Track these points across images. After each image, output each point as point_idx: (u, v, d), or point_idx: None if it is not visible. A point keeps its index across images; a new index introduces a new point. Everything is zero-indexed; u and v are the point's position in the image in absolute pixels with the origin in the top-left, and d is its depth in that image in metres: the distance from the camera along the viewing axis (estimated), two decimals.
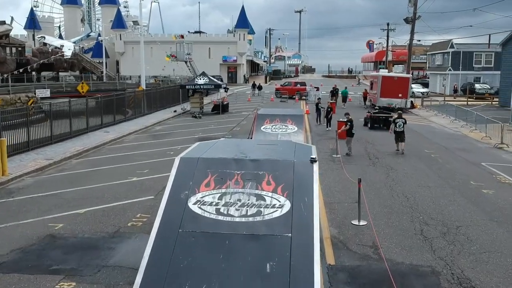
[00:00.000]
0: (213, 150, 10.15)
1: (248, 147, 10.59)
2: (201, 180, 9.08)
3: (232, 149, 10.51)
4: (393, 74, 42.70)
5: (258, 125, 23.19)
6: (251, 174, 9.09)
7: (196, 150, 10.26)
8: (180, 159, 9.39)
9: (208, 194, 8.86)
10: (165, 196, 8.79)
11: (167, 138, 24.66)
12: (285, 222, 8.34)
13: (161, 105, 38.62)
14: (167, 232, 8.20)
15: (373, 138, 24.24)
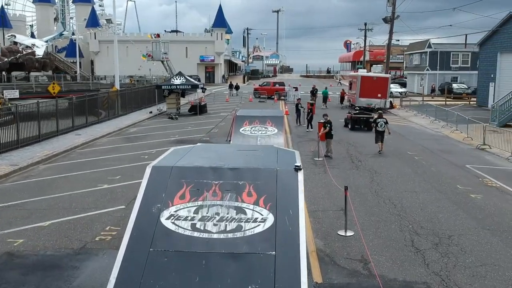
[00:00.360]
0: (188, 157, 9.34)
1: (227, 154, 9.81)
2: (175, 192, 8.29)
3: (209, 155, 9.72)
4: (372, 74, 42.44)
5: (236, 127, 22.38)
6: (230, 184, 8.32)
7: (170, 158, 9.43)
8: (151, 168, 8.55)
9: (183, 207, 8.07)
10: (135, 210, 7.95)
11: (141, 141, 23.65)
12: (268, 238, 7.59)
13: (136, 106, 37.46)
14: (137, 252, 7.38)
15: (354, 140, 23.67)
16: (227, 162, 8.89)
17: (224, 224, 7.57)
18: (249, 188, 8.16)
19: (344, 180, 15.18)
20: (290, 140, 23.47)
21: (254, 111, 27.00)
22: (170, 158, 9.30)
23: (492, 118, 29.77)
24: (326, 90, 43.77)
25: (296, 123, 29.57)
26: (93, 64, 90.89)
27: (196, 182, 8.26)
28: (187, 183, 8.22)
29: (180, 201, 7.96)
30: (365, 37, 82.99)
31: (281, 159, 9.25)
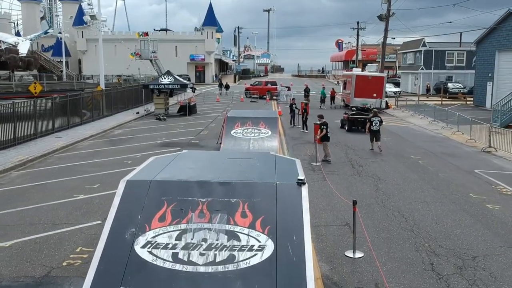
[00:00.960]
0: (171, 168, 7.91)
1: (217, 164, 8.40)
2: (153, 213, 6.90)
3: (196, 166, 8.30)
4: (367, 73, 41.15)
5: (228, 129, 20.95)
6: (220, 202, 6.93)
7: (149, 169, 8.00)
8: (126, 183, 7.15)
9: (162, 232, 6.71)
10: (103, 236, 6.53)
11: (126, 143, 22.13)
12: (267, 271, 6.27)
13: (123, 106, 35.87)
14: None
15: (352, 142, 22.34)
16: (216, 174, 7.53)
17: (212, 254, 6.23)
18: (243, 207, 6.81)
19: (346, 188, 13.83)
20: (284, 142, 22.09)
21: (246, 111, 25.58)
22: (149, 169, 7.90)
23: (494, 119, 28.61)
24: (323, 90, 42.41)
25: (290, 124, 28.20)
26: (81, 63, 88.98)
27: (179, 200, 6.90)
28: (168, 201, 6.85)
29: (160, 224, 6.60)
30: (357, 36, 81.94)
31: (281, 169, 7.87)
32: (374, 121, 20.24)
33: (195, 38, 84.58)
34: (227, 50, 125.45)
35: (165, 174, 7.34)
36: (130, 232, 6.43)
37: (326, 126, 18.20)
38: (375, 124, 20.13)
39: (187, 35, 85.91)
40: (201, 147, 20.97)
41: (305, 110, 26.49)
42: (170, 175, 7.29)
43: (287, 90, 46.47)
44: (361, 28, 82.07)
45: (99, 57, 35.29)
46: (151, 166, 8.07)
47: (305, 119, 26.07)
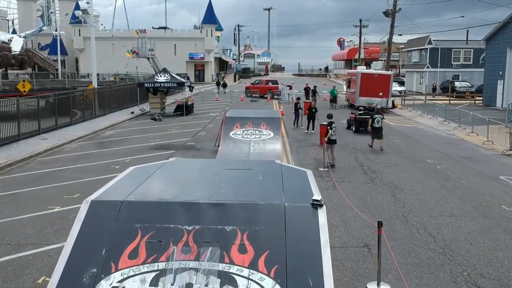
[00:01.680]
0: (151, 184, 6.22)
1: (209, 177, 6.71)
2: (123, 246, 5.28)
3: (183, 180, 6.63)
4: (373, 71, 39.45)
5: (226, 131, 19.23)
6: (212, 231, 5.30)
7: (122, 185, 6.30)
8: (89, 204, 5.48)
9: (133, 273, 5.13)
10: (54, 280, 4.93)
11: (117, 146, 20.45)
12: None
13: (117, 106, 34.20)
14: None
15: (361, 145, 20.65)
16: (208, 192, 5.89)
17: None
18: (241, 238, 5.25)
19: (359, 199, 12.16)
20: (288, 145, 20.42)
21: (246, 111, 23.88)
22: (122, 185, 6.21)
23: (509, 119, 26.90)
24: (334, 89, 40.30)
25: (293, 124, 26.50)
26: (78, 62, 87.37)
27: (158, 228, 5.32)
28: (143, 230, 5.26)
29: (130, 261, 4.97)
30: (360, 34, 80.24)
31: (290, 185, 6.19)
32: (376, 118, 19.63)
33: (194, 36, 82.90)
34: (227, 49, 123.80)
35: (142, 192, 5.70)
36: (89, 273, 4.81)
37: (330, 126, 16.46)
38: (378, 121, 19.56)
39: (186, 33, 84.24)
40: (197, 150, 19.30)
41: (315, 109, 24.72)
42: (148, 193, 5.66)
43: (289, 89, 44.78)
44: (363, 26, 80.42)
45: (92, 54, 33.61)
46: (125, 181, 6.40)
47: (312, 119, 24.29)
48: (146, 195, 5.60)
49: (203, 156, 17.82)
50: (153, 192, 5.81)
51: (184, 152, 18.65)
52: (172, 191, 5.79)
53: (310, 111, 24.41)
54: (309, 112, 24.46)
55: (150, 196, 5.60)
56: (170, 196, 5.52)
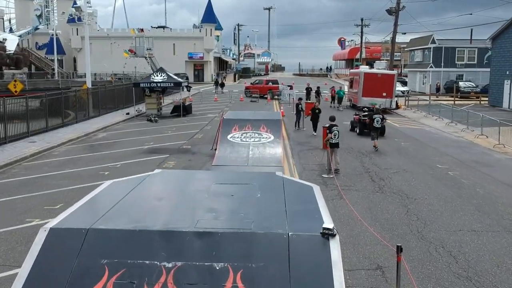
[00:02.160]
0: (125, 204, 5.17)
1: (197, 195, 5.66)
2: None
3: (165, 198, 5.60)
4: (376, 71, 38.44)
5: (223, 133, 18.14)
6: (196, 269, 4.25)
7: (93, 205, 5.34)
8: (47, 232, 4.42)
9: None
10: None
11: (108, 149, 19.38)
12: None
13: (112, 107, 33.15)
14: None
15: (367, 148, 19.57)
16: (194, 215, 4.82)
17: None
18: (234, 278, 4.20)
19: (368, 210, 11.08)
20: (289, 148, 19.34)
21: (245, 113, 22.83)
22: (91, 207, 5.19)
23: None
24: (340, 90, 38.97)
25: (294, 126, 25.41)
26: (76, 61, 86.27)
27: (129, 266, 4.28)
28: (111, 267, 4.31)
29: None
30: (361, 33, 79.22)
31: (294, 206, 5.16)
32: (376, 118, 19.21)
33: (194, 36, 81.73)
34: (227, 49, 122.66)
35: (114, 215, 4.66)
36: None
37: (330, 130, 15.38)
38: (377, 121, 19.17)
39: (185, 32, 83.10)
40: (193, 154, 18.22)
41: (314, 110, 23.71)
42: (120, 218, 4.61)
43: (290, 89, 43.68)
44: (365, 25, 79.38)
45: (86, 53, 32.54)
46: (97, 200, 5.35)
47: (316, 120, 23.24)
48: (118, 221, 4.54)
49: (199, 161, 16.76)
50: (127, 216, 4.74)
51: (178, 156, 17.58)
52: (150, 215, 4.73)
53: (314, 112, 23.38)
54: (313, 113, 23.42)
55: (122, 221, 4.54)
56: (147, 221, 4.47)
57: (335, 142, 15.28)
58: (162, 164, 16.21)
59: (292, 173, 14.84)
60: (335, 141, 15.27)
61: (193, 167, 15.66)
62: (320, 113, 23.45)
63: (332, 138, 15.17)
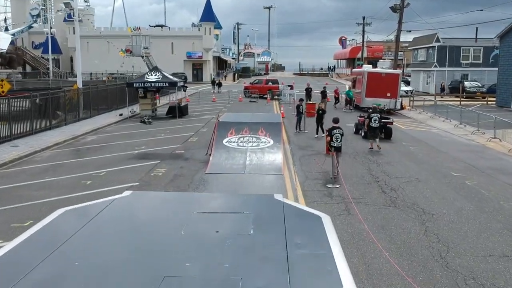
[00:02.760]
0: (63, 254, 3.73)
1: (169, 230, 4.27)
2: None
3: (122, 241, 4.24)
4: (380, 70, 36.99)
5: (219, 138, 16.74)
6: None
7: (17, 260, 3.85)
8: None
9: None
10: None
11: (95, 154, 17.98)
12: None
13: (105, 107, 31.76)
14: None
15: (374, 153, 18.19)
16: (158, 271, 3.35)
17: None
18: None
19: (382, 230, 9.68)
20: (289, 153, 17.94)
21: (243, 115, 21.44)
22: (13, 263, 3.78)
23: None
24: (349, 90, 37.19)
25: (295, 129, 24.01)
26: (73, 61, 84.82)
27: None
28: None
29: None
30: (363, 32, 77.93)
31: (297, 253, 3.77)
32: (373, 118, 18.89)
33: (192, 34, 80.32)
34: (226, 48, 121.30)
35: (39, 277, 3.23)
36: None
37: (330, 132, 14.14)
38: (375, 120, 18.84)
39: (183, 31, 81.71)
40: (185, 160, 16.82)
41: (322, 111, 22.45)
42: (49, 280, 3.19)
43: (290, 89, 42.26)
44: (366, 24, 78.02)
45: (77, 51, 31.16)
46: (26, 249, 3.91)
47: (321, 122, 21.99)
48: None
49: (192, 168, 15.37)
50: (61, 274, 3.32)
51: (170, 163, 16.18)
52: (94, 273, 3.32)
53: (317, 113, 22.09)
54: (317, 115, 22.13)
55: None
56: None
57: (337, 146, 14.08)
58: (151, 171, 14.83)
59: (294, 183, 13.46)
60: (337, 145, 14.07)
61: (184, 176, 14.28)
62: (324, 114, 22.16)
63: (334, 142, 13.93)
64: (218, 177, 14.14)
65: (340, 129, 14.34)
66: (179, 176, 14.19)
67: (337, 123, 14.56)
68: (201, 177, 14.04)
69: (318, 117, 22.07)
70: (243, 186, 13.08)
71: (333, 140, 14.03)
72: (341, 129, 14.42)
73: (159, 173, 14.68)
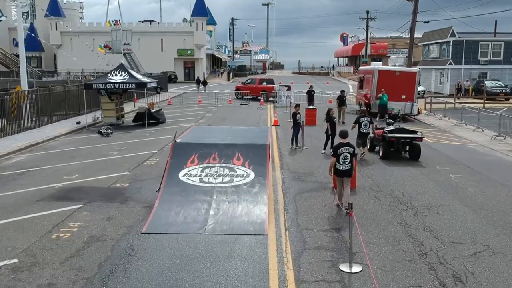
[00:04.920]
0: None
1: None
2: None
3: None
4: (393, 68, 31.46)
5: (173, 169, 10.79)
6: None
7: None
8: None
9: None
10: None
11: (4, 188, 12.41)
12: None
13: (63, 114, 26.18)
14: None
15: (400, 184, 12.67)
16: None
17: None
18: None
19: None
20: (280, 188, 12.37)
21: (215, 130, 15.69)
22: None
23: None
24: (385, 95, 27.70)
25: (291, 143, 18.48)
26: (56, 59, 79.18)
27: None
28: None
29: None
30: (367, 27, 72.19)
31: None
32: (363, 122, 16.24)
33: (183, 30, 74.59)
34: (222, 45, 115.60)
35: None
36: None
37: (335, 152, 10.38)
38: (365, 125, 16.25)
39: (174, 27, 75.96)
40: (123, 201, 11.20)
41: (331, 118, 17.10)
42: None
43: (287, 90, 36.59)
44: (371, 18, 72.32)
45: (20, 44, 25.33)
46: None
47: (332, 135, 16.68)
48: None
49: (125, 220, 9.83)
50: None
51: (96, 208, 10.61)
52: None
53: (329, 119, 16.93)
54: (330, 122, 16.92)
55: None
56: None
57: (344, 169, 10.35)
58: (56, 228, 9.29)
59: (283, 256, 7.95)
60: (344, 168, 10.37)
61: (104, 240, 8.73)
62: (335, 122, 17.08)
63: (340, 164, 10.29)
64: (163, 241, 8.63)
65: (350, 146, 10.46)
66: (96, 241, 8.65)
67: (346, 138, 10.65)
68: (130, 243, 8.52)
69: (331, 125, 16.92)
70: (199, 261, 7.63)
71: (339, 162, 10.30)
72: (352, 147, 10.50)
73: (67, 232, 9.13)
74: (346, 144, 10.45)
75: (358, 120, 16.36)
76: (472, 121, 26.50)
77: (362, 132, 16.31)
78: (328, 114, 17.40)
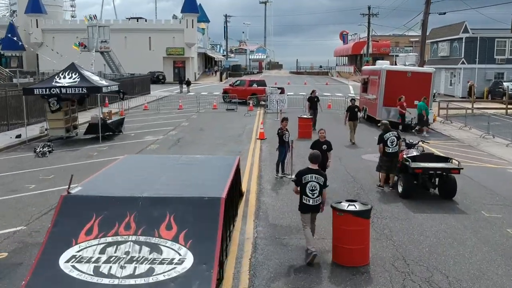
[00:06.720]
0: None
1: None
2: None
3: None
4: (404, 68, 26.62)
5: (53, 246, 6.28)
6: None
7: None
8: None
9: None
10: None
11: None
12: None
13: (5, 124, 21.51)
14: None
15: (439, 254, 7.95)
16: None
17: None
18: None
19: None
20: (247, 267, 7.64)
21: (150, 165, 10.66)
22: None
23: None
24: (422, 102, 22.73)
25: (276, 171, 13.73)
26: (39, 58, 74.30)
27: None
28: None
29: None
30: (368, 24, 67.62)
31: None
32: (389, 139, 12.57)
33: (173, 28, 69.78)
34: (216, 44, 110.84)
35: None
36: None
37: (297, 178, 8.05)
38: (392, 143, 12.61)
39: (162, 24, 71.19)
40: None
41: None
42: None
43: (279, 93, 31.76)
44: (372, 15, 67.68)
45: None
46: None
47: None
48: None
49: None
50: None
51: None
52: None
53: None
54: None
55: None
56: None
57: (314, 204, 8.03)
58: None
59: None
60: (314, 203, 8.02)
61: None
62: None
63: (307, 197, 8.03)
64: None
65: (319, 174, 8.00)
66: None
67: (315, 163, 8.15)
68: None
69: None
70: None
71: (306, 194, 7.92)
72: (322, 176, 8.02)
73: None
74: (315, 171, 7.98)
75: (383, 138, 12.48)
76: (499, 131, 21.90)
77: (388, 152, 12.39)
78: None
